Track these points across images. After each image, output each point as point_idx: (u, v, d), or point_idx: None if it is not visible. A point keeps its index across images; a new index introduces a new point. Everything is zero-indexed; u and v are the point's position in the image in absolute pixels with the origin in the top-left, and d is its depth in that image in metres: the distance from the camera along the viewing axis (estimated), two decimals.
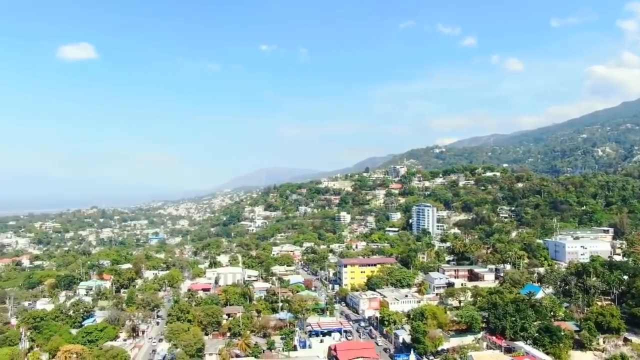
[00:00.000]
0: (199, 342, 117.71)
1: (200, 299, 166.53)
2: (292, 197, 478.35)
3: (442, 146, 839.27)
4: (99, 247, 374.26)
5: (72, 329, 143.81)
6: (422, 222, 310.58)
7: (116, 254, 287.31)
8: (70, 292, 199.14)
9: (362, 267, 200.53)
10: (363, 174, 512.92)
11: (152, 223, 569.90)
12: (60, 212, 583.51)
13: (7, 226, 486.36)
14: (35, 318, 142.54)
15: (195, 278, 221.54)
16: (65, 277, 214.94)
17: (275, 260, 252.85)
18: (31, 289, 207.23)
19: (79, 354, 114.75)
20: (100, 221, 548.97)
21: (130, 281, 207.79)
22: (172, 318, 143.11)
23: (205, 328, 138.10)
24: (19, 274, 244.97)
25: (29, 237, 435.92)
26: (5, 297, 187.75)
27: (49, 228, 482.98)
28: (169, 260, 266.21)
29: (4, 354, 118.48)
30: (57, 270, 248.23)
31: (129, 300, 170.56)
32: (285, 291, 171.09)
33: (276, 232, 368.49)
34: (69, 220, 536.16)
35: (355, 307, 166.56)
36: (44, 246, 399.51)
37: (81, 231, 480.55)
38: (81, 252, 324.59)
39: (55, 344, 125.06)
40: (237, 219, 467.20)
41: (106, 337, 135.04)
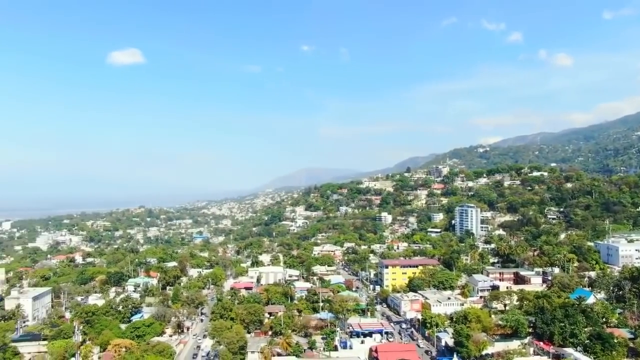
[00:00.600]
0: (242, 340, 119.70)
1: (243, 298, 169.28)
2: (332, 197, 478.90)
3: (486, 145, 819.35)
4: (146, 245, 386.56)
5: (122, 324, 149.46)
6: (466, 223, 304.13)
7: (162, 252, 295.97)
8: (119, 288, 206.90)
9: (403, 268, 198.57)
10: (404, 174, 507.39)
11: (197, 222, 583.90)
12: (110, 211, 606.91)
13: (61, 224, 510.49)
14: (88, 312, 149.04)
15: (238, 277, 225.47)
16: (115, 273, 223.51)
17: (316, 260, 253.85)
18: (84, 284, 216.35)
19: (128, 348, 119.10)
20: (147, 220, 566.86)
21: (176, 279, 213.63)
22: (215, 316, 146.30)
23: (248, 326, 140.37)
24: (72, 270, 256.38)
25: (82, 235, 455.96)
26: (60, 292, 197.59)
27: (99, 226, 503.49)
28: (212, 259, 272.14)
29: (59, 346, 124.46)
30: (108, 267, 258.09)
31: (174, 298, 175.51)
32: (326, 291, 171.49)
33: (317, 232, 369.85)
34: (118, 219, 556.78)
35: (397, 308, 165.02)
36: (95, 244, 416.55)
37: (129, 230, 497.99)
38: (130, 250, 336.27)
39: (105, 337, 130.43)
40: (279, 218, 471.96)
41: (153, 332, 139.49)
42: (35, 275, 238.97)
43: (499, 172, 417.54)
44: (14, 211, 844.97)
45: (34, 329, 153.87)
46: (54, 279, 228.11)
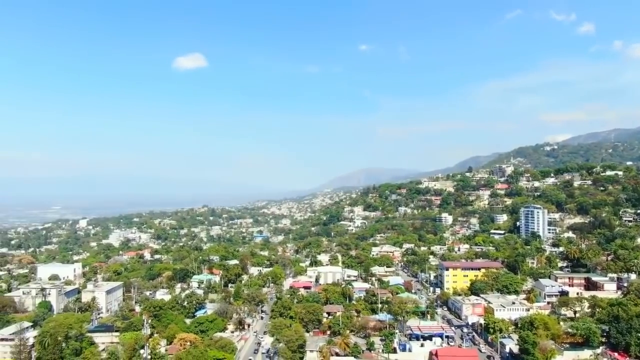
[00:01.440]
0: (301, 338, 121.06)
1: (302, 297, 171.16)
2: (391, 197, 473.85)
3: (554, 143, 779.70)
4: (209, 244, 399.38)
5: (186, 319, 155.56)
6: (531, 224, 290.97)
7: (224, 250, 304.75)
8: (184, 284, 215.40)
9: (465, 270, 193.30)
10: (466, 174, 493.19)
11: (257, 221, 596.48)
12: (176, 210, 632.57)
13: (132, 223, 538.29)
14: (155, 307, 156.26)
15: (297, 276, 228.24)
16: (180, 270, 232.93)
17: (375, 260, 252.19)
18: (152, 280, 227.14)
19: (192, 342, 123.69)
20: (210, 219, 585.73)
21: (237, 276, 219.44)
22: (275, 314, 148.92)
23: (306, 325, 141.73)
24: (141, 265, 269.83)
25: (150, 232, 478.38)
26: (130, 286, 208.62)
27: (166, 225, 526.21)
28: (272, 258, 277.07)
29: (130, 337, 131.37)
30: (174, 263, 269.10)
31: (236, 295, 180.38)
32: (384, 292, 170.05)
33: (375, 233, 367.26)
34: (183, 218, 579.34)
35: (458, 312, 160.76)
36: (162, 241, 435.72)
37: (194, 228, 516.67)
38: (194, 247, 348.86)
39: (172, 331, 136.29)
40: (337, 218, 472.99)
41: (216, 328, 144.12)
42: (108, 270, 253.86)
43: (568, 172, 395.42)
44: (90, 210, 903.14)
45: (107, 320, 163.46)
46: (125, 274, 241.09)
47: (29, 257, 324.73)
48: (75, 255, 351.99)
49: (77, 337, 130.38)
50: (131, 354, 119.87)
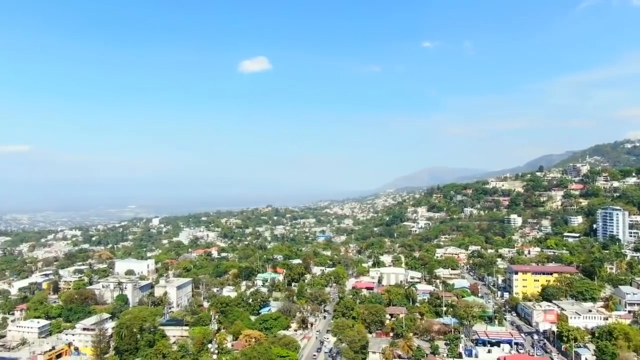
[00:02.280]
0: (363, 339, 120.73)
1: (364, 297, 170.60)
2: (456, 197, 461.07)
3: (635, 140, 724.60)
4: (273, 243, 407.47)
5: (252, 316, 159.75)
6: (610, 227, 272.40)
7: (288, 249, 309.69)
8: (249, 282, 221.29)
9: (535, 275, 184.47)
10: (536, 173, 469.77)
11: (320, 221, 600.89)
12: (242, 210, 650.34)
13: (200, 221, 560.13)
14: (222, 303, 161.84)
15: (359, 276, 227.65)
16: (245, 268, 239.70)
17: (439, 262, 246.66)
18: (219, 277, 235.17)
19: (257, 339, 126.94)
20: (274, 219, 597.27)
21: (300, 275, 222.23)
22: (337, 314, 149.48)
23: (369, 326, 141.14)
24: (209, 263, 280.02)
25: (217, 231, 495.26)
26: (199, 282, 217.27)
27: (232, 224, 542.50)
28: (334, 258, 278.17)
29: (198, 332, 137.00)
30: (239, 262, 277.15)
31: (299, 294, 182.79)
32: (449, 295, 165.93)
33: (440, 234, 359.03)
34: (248, 217, 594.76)
35: (528, 318, 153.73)
36: (229, 240, 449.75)
37: (258, 227, 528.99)
38: (258, 246, 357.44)
39: (237, 327, 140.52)
40: (400, 219, 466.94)
41: (279, 326, 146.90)
42: (178, 266, 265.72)
43: None
44: (162, 209, 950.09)
45: (178, 315, 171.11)
46: (194, 270, 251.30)
47: (108, 253, 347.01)
48: (149, 251, 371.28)
49: (150, 329, 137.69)
50: (200, 348, 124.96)
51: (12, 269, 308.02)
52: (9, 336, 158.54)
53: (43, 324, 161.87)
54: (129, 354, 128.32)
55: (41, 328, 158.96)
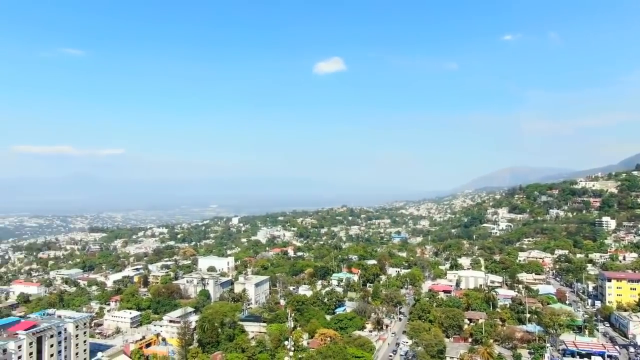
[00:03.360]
0: (440, 343, 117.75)
1: (441, 300, 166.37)
2: (541, 198, 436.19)
3: None
4: (348, 243, 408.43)
5: (327, 315, 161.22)
6: None
7: (362, 250, 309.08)
8: (324, 281, 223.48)
9: (632, 282, 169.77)
10: (632, 172, 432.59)
11: (395, 222, 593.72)
12: (317, 210, 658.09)
13: (277, 221, 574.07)
14: (298, 302, 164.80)
15: (436, 279, 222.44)
16: (321, 267, 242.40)
17: (522, 266, 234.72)
18: (295, 275, 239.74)
19: (332, 338, 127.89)
20: (349, 219, 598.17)
21: (375, 276, 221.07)
22: (413, 316, 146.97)
23: (446, 330, 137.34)
24: (285, 262, 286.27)
25: (293, 230, 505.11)
26: (276, 280, 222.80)
27: (308, 224, 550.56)
28: (410, 259, 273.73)
29: (275, 329, 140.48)
30: (315, 261, 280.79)
31: (374, 294, 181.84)
32: (533, 301, 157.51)
33: (522, 236, 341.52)
34: (323, 217, 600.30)
35: (623, 329, 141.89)
36: (304, 239, 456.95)
37: (333, 227, 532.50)
38: (333, 246, 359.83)
39: (313, 326, 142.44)
40: (479, 220, 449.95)
41: (354, 326, 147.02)
42: (256, 264, 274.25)
43: None
44: (241, 208, 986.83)
45: (256, 311, 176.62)
46: (271, 269, 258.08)
47: (192, 250, 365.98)
48: (229, 249, 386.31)
49: (230, 324, 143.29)
50: (277, 345, 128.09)
51: (108, 263, 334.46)
52: (105, 325, 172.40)
53: (134, 314, 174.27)
54: (210, 347, 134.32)
55: (133, 318, 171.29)
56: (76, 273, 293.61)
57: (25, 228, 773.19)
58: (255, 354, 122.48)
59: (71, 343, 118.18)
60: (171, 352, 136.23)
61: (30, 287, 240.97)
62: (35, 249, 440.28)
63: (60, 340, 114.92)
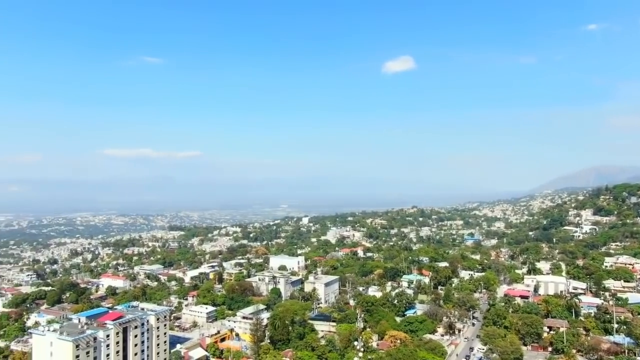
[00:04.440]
0: (517, 351, 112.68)
1: (518, 306, 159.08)
2: (630, 199, 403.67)
3: None
4: (419, 244, 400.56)
5: (397, 317, 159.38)
6: None
7: (434, 251, 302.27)
8: (394, 283, 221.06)
9: None
10: None
11: (467, 224, 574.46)
12: (387, 211, 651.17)
13: (346, 221, 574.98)
14: (368, 302, 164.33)
15: (512, 283, 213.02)
16: (390, 269, 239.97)
17: (609, 273, 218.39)
18: (364, 276, 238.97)
19: (402, 340, 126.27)
20: (420, 220, 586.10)
21: (447, 279, 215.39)
22: (488, 321, 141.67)
23: (523, 338, 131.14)
24: (355, 262, 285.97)
25: (362, 231, 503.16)
26: (345, 281, 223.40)
27: (377, 224, 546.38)
28: (484, 262, 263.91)
29: (345, 329, 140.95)
30: (384, 262, 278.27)
31: (446, 298, 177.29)
32: (622, 310, 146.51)
33: (609, 240, 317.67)
34: (393, 217, 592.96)
35: None
36: (374, 240, 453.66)
37: (403, 228, 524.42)
38: (403, 247, 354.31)
39: (382, 327, 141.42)
40: (560, 223, 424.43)
41: (425, 329, 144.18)
42: (326, 264, 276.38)
43: None
44: (311, 208, 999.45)
45: (325, 310, 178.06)
46: (341, 269, 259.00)
47: (263, 249, 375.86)
48: (299, 249, 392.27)
49: (301, 322, 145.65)
50: (346, 345, 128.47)
51: (186, 260, 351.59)
52: (184, 318, 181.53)
53: (210, 310, 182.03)
54: (281, 344, 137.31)
55: (209, 313, 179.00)
56: (157, 269, 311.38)
57: (113, 226, 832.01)
58: (325, 353, 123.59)
59: (153, 334, 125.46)
60: (244, 347, 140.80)
61: (116, 281, 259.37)
62: (122, 246, 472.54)
63: (143, 332, 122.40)
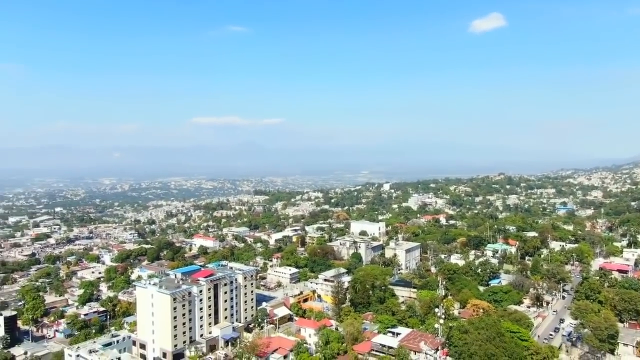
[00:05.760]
0: (612, 327, 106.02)
1: (615, 281, 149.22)
2: None
3: None
4: (505, 213, 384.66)
5: (480, 286, 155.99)
6: None
7: (521, 220, 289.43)
8: (478, 251, 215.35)
9: None
10: None
11: (560, 192, 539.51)
12: (471, 177, 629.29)
13: (428, 188, 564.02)
14: (450, 270, 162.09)
15: (609, 256, 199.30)
16: (474, 237, 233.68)
17: None
18: (446, 244, 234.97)
19: (485, 310, 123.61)
20: (507, 187, 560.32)
21: (535, 250, 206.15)
22: (580, 295, 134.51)
23: (620, 314, 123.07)
24: (437, 229, 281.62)
25: (445, 198, 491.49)
26: (427, 248, 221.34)
27: (461, 191, 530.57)
28: (578, 233, 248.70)
29: (425, 295, 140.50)
30: (468, 230, 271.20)
31: (533, 269, 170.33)
32: None
33: None
34: (478, 185, 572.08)
35: None
36: (457, 207, 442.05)
37: (489, 196, 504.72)
38: (489, 215, 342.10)
39: (465, 296, 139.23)
40: None
41: (510, 300, 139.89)
42: (407, 230, 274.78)
43: None
44: (392, 175, 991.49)
45: (406, 276, 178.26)
46: (422, 236, 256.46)
47: (344, 214, 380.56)
48: (380, 215, 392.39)
49: (381, 287, 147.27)
50: (427, 311, 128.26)
51: (270, 223, 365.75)
52: (268, 279, 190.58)
53: (293, 271, 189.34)
54: (362, 307, 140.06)
55: (292, 275, 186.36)
56: (244, 231, 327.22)
57: (203, 190, 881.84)
58: (405, 318, 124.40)
59: (241, 292, 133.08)
60: (325, 308, 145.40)
61: (207, 241, 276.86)
62: (211, 208, 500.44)
63: (232, 289, 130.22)
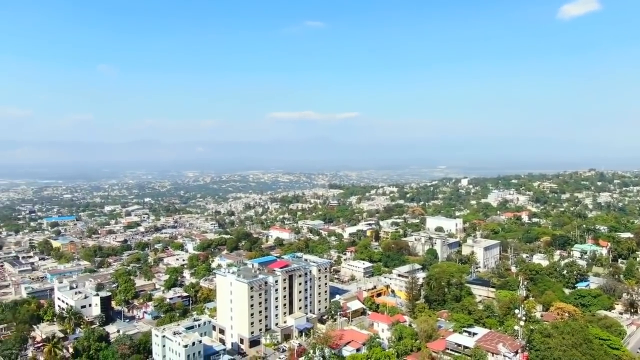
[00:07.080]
0: None
1: None
2: None
3: None
4: (595, 211, 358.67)
5: (565, 288, 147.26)
6: None
7: (614, 220, 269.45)
8: (564, 252, 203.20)
9: None
10: None
11: None
12: (557, 173, 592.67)
13: (509, 184, 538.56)
14: (532, 270, 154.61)
15: None
16: (560, 236, 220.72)
17: None
18: (529, 243, 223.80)
19: (571, 314, 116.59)
20: (598, 184, 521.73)
21: (630, 252, 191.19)
22: None
23: None
24: (518, 227, 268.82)
25: (528, 195, 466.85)
26: (507, 246, 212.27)
27: (546, 188, 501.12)
28: None
29: (504, 295, 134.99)
30: (552, 229, 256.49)
31: (627, 272, 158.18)
32: None
33: None
34: (565, 181, 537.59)
35: None
36: (541, 204, 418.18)
37: (577, 193, 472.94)
38: (576, 214, 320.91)
39: (548, 298, 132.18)
40: None
41: (599, 305, 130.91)
42: (486, 228, 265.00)
43: None
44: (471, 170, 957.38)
45: (484, 275, 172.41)
46: (502, 233, 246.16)
47: (420, 209, 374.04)
48: (457, 211, 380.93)
49: (457, 285, 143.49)
50: (506, 312, 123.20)
51: (345, 217, 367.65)
52: (342, 272, 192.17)
53: (367, 265, 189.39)
54: (437, 304, 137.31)
55: (365, 269, 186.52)
56: (318, 224, 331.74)
57: (279, 183, 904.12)
58: (483, 318, 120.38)
59: (315, 283, 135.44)
60: (399, 304, 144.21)
61: (283, 233, 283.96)
62: (287, 201, 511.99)
63: (307, 280, 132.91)
